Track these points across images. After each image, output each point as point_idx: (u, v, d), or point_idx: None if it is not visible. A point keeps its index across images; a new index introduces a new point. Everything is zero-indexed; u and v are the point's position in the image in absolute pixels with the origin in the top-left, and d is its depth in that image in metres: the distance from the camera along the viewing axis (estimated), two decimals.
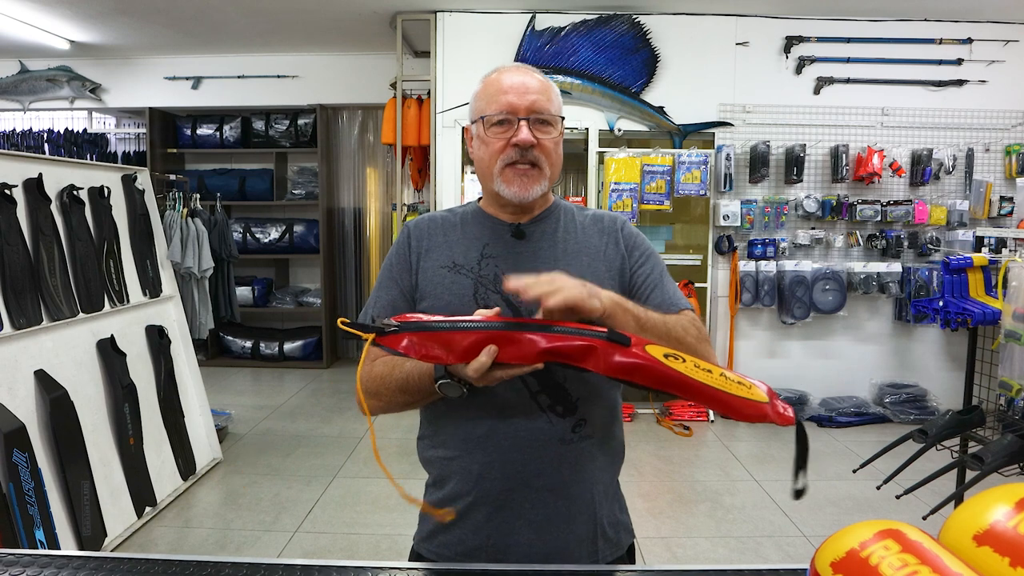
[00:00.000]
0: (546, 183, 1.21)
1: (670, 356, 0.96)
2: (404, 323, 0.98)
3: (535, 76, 1.21)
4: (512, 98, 1.17)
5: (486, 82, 1.23)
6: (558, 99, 1.23)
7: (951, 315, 3.06)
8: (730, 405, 0.96)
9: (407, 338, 0.98)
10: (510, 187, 1.18)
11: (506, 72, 1.22)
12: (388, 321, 0.98)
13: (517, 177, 1.18)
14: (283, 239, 6.47)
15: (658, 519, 3.35)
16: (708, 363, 0.99)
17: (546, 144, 1.18)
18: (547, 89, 1.21)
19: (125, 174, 3.64)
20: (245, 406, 5.07)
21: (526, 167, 1.18)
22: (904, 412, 4.83)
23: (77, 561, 1.05)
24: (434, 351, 0.98)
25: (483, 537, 1.18)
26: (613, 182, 4.73)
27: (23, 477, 2.48)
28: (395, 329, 0.98)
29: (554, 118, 1.19)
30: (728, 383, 0.96)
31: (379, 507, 3.43)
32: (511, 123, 1.17)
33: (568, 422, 1.17)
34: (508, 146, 1.17)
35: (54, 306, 2.90)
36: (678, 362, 0.96)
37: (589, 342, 0.96)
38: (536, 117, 1.17)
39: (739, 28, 4.92)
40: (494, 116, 1.18)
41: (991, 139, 4.97)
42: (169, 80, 6.36)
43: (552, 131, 1.19)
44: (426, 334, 0.98)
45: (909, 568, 0.61)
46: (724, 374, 0.97)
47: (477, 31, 4.91)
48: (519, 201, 1.20)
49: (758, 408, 0.94)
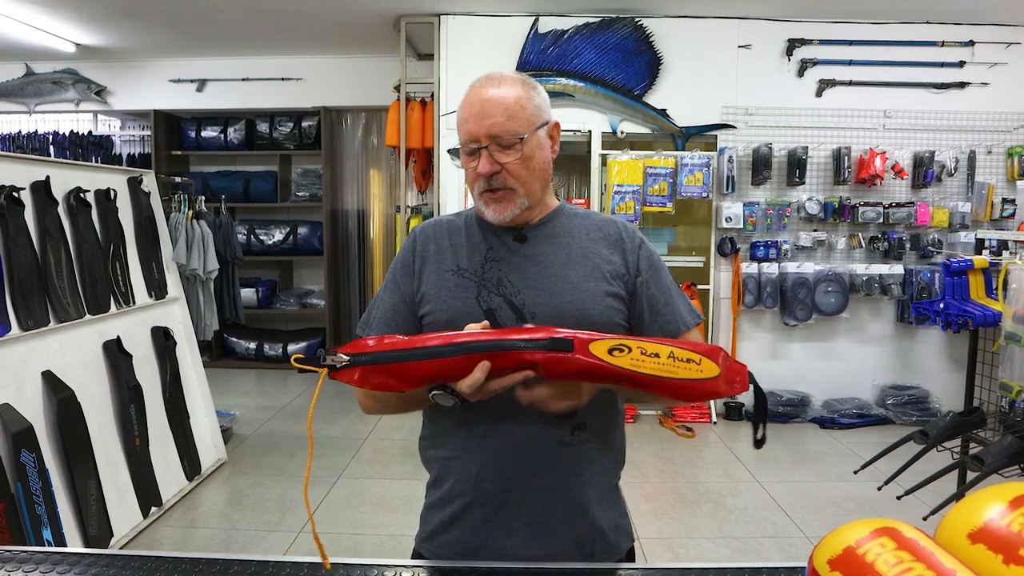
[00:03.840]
0: (523, 200, 1.20)
1: (615, 350, 0.97)
2: (354, 356, 0.99)
3: (501, 91, 1.18)
4: (471, 126, 1.17)
5: (461, 102, 1.22)
6: (531, 109, 1.18)
7: (952, 317, 3.07)
8: (680, 390, 0.98)
9: (358, 371, 0.99)
10: (488, 210, 1.21)
11: (474, 90, 1.20)
12: (339, 356, 0.99)
13: (492, 202, 1.20)
14: (287, 241, 6.49)
15: (660, 520, 3.36)
16: (655, 345, 0.99)
17: (511, 167, 1.17)
18: (511, 107, 1.16)
19: (131, 176, 3.66)
20: (249, 407, 5.09)
21: (496, 192, 1.19)
22: (906, 413, 4.83)
23: (88, 559, 1.07)
24: (387, 381, 1.00)
25: (481, 538, 1.19)
26: (616, 184, 4.74)
27: (31, 477, 2.50)
28: (347, 363, 0.98)
29: (515, 140, 1.16)
30: (676, 366, 0.97)
31: (383, 507, 3.45)
32: (476, 152, 1.18)
33: (567, 425, 1.18)
34: (477, 175, 1.19)
35: (61, 308, 2.92)
36: (623, 355, 0.97)
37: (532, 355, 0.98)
38: (496, 142, 1.17)
39: (741, 31, 4.93)
40: (462, 145, 1.21)
41: (993, 141, 4.97)
42: (174, 83, 6.39)
43: (517, 151, 1.17)
44: (377, 367, 0.99)
45: (904, 565, 0.63)
46: (673, 353, 0.97)
47: (480, 34, 4.93)
48: (499, 224, 1.22)
49: (709, 386, 0.97)
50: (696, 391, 0.98)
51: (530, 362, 0.99)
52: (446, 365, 0.99)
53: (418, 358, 0.99)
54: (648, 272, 1.25)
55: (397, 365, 0.99)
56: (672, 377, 0.96)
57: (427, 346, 1.00)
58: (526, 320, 1.17)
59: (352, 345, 1.02)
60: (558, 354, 0.97)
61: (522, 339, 0.99)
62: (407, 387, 1.01)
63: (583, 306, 1.17)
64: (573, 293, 1.19)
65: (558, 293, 1.18)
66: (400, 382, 1.00)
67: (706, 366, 0.97)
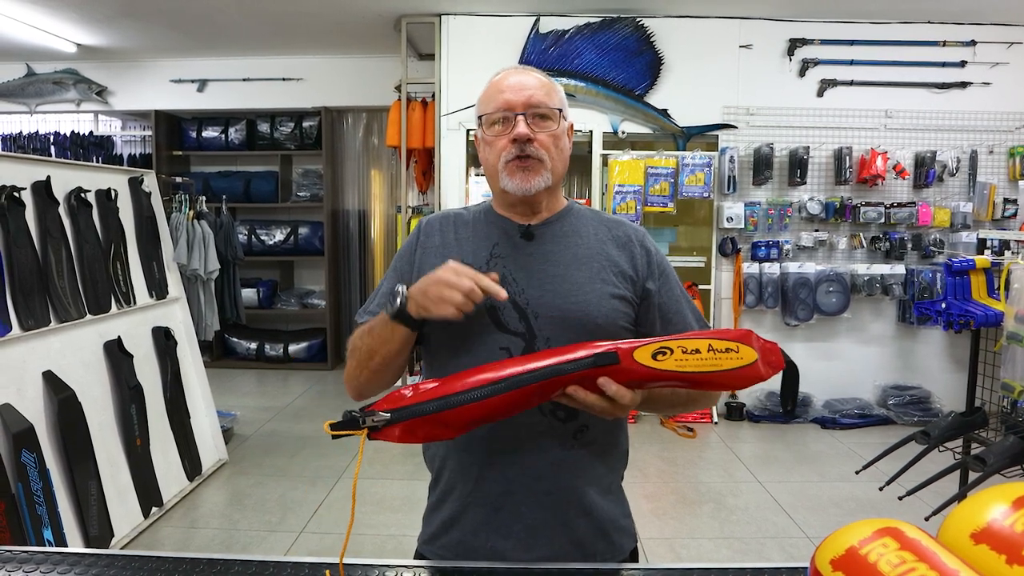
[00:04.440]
0: (548, 176, 1.19)
1: (658, 354, 0.97)
2: (396, 411, 0.97)
3: (534, 75, 1.22)
4: (509, 95, 1.19)
5: (488, 85, 1.25)
6: (560, 96, 1.23)
7: (954, 317, 3.07)
8: (727, 381, 0.98)
9: (400, 428, 0.97)
10: (512, 179, 1.18)
11: (506, 73, 1.23)
12: (379, 415, 0.96)
13: (519, 171, 1.18)
14: (288, 241, 6.49)
15: (662, 520, 3.36)
16: (693, 341, 0.99)
17: (543, 138, 1.18)
18: (546, 86, 1.21)
19: (132, 176, 3.66)
20: (250, 407, 5.09)
21: (527, 160, 1.18)
22: (907, 414, 4.83)
23: (89, 559, 1.07)
24: (434, 431, 0.99)
25: (482, 539, 1.19)
26: (617, 184, 4.74)
27: (31, 477, 2.50)
28: (388, 421, 0.96)
29: (552, 111, 1.19)
30: (718, 358, 0.97)
31: (384, 508, 3.44)
32: (509, 120, 1.18)
33: (570, 427, 1.17)
34: (508, 143, 1.18)
35: (62, 308, 2.92)
36: (668, 358, 0.97)
37: (580, 375, 0.97)
38: (533, 112, 1.18)
39: (743, 31, 4.92)
40: (493, 115, 1.20)
41: (995, 141, 4.97)
42: (175, 83, 6.39)
43: (551, 125, 1.19)
44: (422, 419, 0.97)
45: (907, 565, 0.62)
46: (711, 346, 0.98)
47: (481, 34, 4.93)
48: (522, 194, 1.19)
49: (752, 372, 0.97)
50: (741, 379, 0.98)
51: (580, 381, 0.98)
52: (494, 404, 0.97)
53: (464, 403, 0.97)
54: (660, 280, 1.25)
55: (443, 414, 0.97)
56: (718, 370, 0.96)
57: (470, 389, 0.97)
58: (529, 320, 1.16)
59: (387, 400, 0.99)
60: (606, 368, 0.97)
61: (566, 361, 0.98)
62: (455, 433, 1.00)
63: (587, 307, 1.17)
64: (578, 294, 1.18)
65: (562, 294, 1.18)
66: (447, 429, 0.99)
67: (744, 352, 0.97)
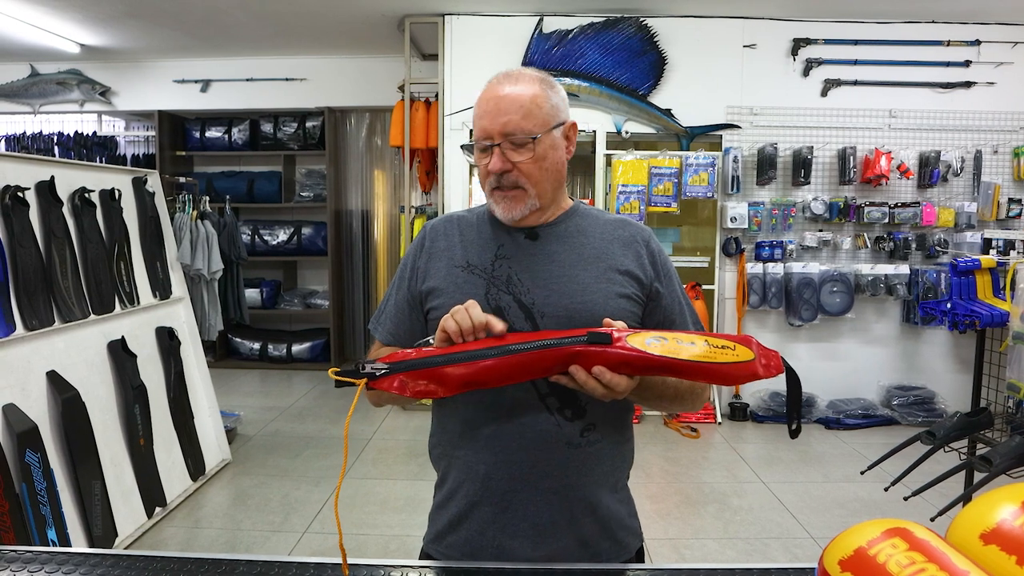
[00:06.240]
0: (534, 200, 1.19)
1: (652, 341, 1.00)
2: (393, 364, 1.02)
3: (521, 86, 1.17)
4: (485, 123, 1.17)
5: (478, 98, 1.22)
6: (550, 105, 1.18)
7: (959, 317, 3.06)
8: (721, 374, 0.99)
9: (398, 378, 1.02)
10: (498, 207, 1.21)
11: (493, 84, 1.20)
12: (377, 364, 1.01)
13: (502, 200, 1.19)
14: (291, 241, 6.50)
15: (666, 520, 3.35)
16: (690, 335, 1.02)
17: (523, 166, 1.17)
18: (529, 103, 1.16)
19: (136, 177, 3.67)
20: (253, 407, 5.10)
21: (508, 191, 1.19)
22: (912, 414, 4.81)
23: (93, 559, 1.07)
24: (428, 387, 1.02)
25: (489, 537, 1.18)
26: (620, 184, 4.73)
27: (35, 477, 2.50)
28: (385, 371, 1.01)
29: (527, 139, 1.15)
30: (713, 352, 0.99)
31: (388, 508, 3.44)
32: (489, 149, 1.18)
33: (576, 426, 1.17)
34: (488, 172, 1.19)
35: (66, 308, 2.93)
36: (662, 344, 0.99)
37: (573, 350, 1.00)
38: (510, 140, 1.16)
39: (746, 30, 4.92)
40: (476, 143, 1.20)
41: (999, 141, 4.95)
42: (178, 83, 6.40)
43: (528, 151, 1.16)
44: (418, 372, 1.02)
45: (916, 566, 0.62)
46: (708, 341, 1.00)
47: (485, 34, 4.93)
48: (508, 222, 1.22)
49: (748, 368, 0.98)
50: (735, 374, 0.99)
51: (571, 357, 1.01)
52: (489, 367, 1.01)
53: (460, 361, 1.00)
54: (664, 281, 1.26)
55: (438, 369, 1.01)
56: (711, 361, 0.98)
57: (469, 350, 1.01)
58: (535, 320, 1.16)
59: (390, 356, 1.05)
60: (597, 348, 0.99)
61: (563, 336, 1.02)
62: (447, 392, 1.02)
63: (594, 308, 1.16)
64: (584, 294, 1.17)
65: (568, 294, 1.17)
66: (442, 387, 1.02)
67: (741, 351, 0.99)
